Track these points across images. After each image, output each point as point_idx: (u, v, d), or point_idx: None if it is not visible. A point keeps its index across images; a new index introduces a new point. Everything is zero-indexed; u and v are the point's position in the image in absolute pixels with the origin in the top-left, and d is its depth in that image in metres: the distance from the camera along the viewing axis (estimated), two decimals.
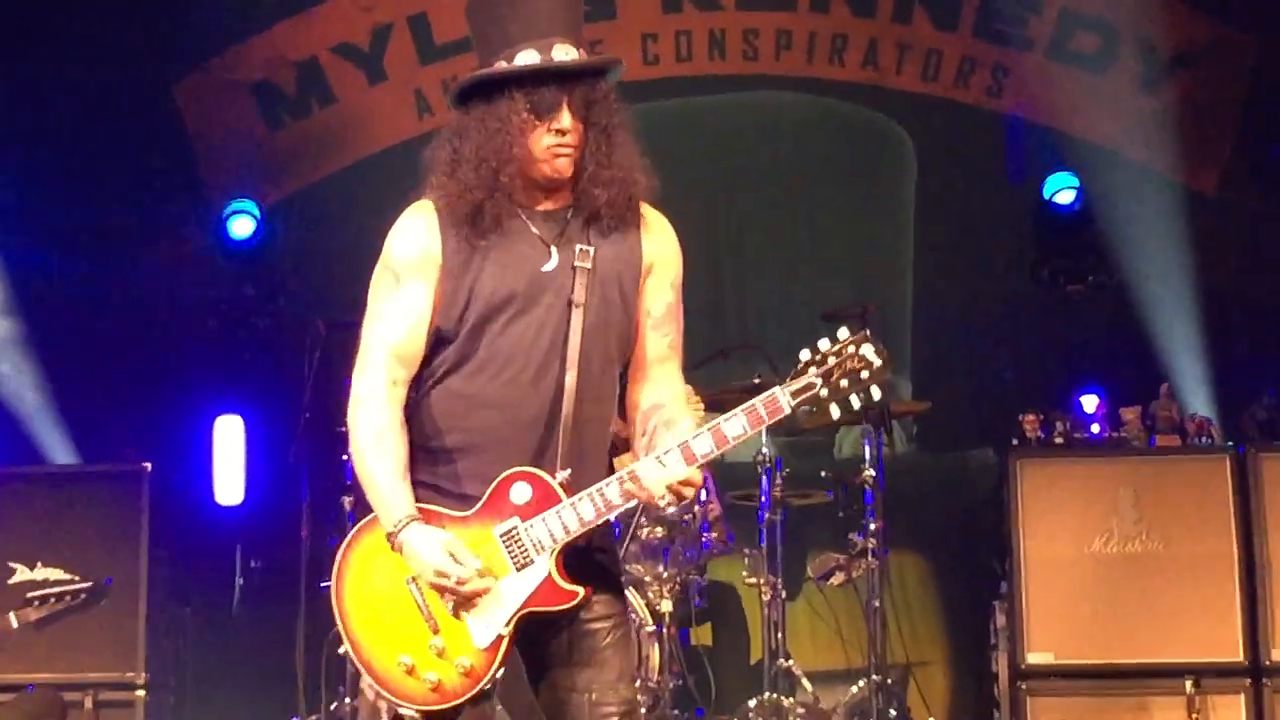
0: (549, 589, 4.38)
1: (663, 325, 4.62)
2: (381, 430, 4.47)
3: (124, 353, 10.61)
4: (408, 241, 4.50)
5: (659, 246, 4.62)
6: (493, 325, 4.45)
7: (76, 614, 8.41)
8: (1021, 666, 8.48)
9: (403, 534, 4.39)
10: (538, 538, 4.39)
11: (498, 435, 4.46)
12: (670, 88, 11.27)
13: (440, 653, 4.41)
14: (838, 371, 4.38)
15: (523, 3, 4.53)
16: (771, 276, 11.22)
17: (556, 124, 4.42)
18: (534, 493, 4.39)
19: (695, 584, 9.02)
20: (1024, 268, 10.81)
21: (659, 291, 4.61)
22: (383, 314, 4.51)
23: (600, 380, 4.53)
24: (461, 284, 4.45)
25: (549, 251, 4.49)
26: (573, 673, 4.53)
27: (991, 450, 10.20)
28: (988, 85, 11.22)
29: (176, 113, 11.19)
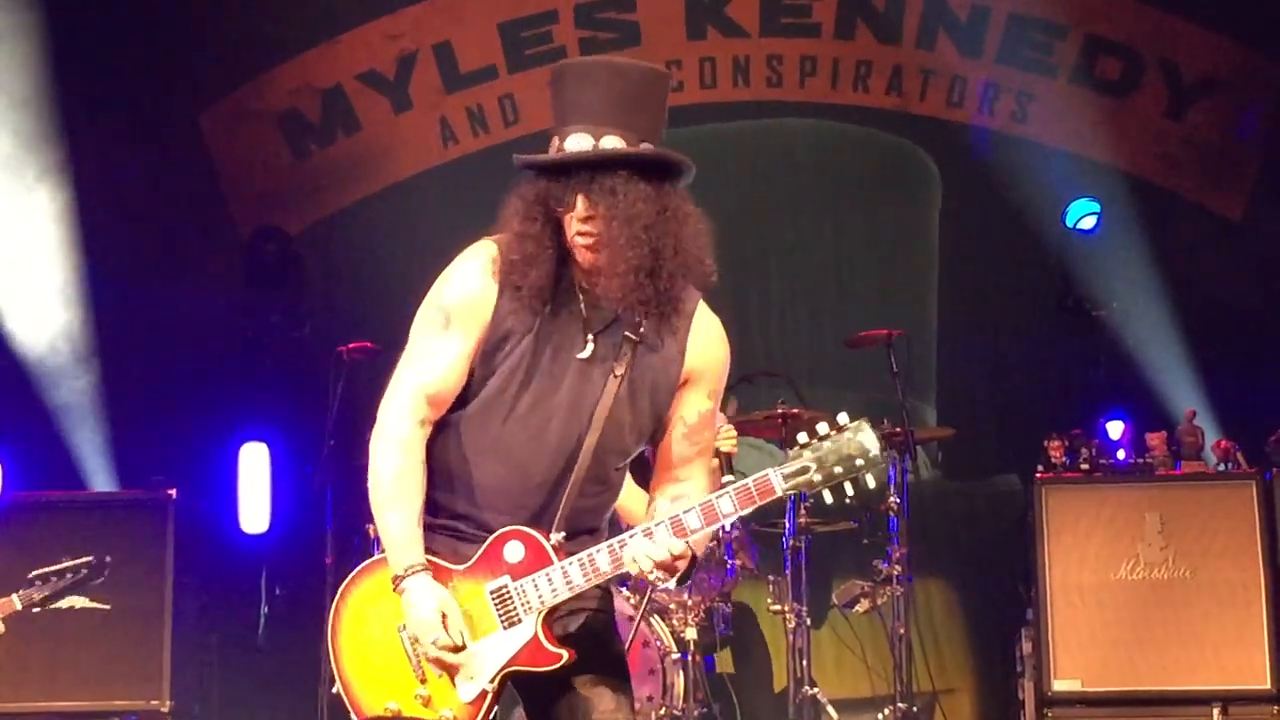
0: (534, 649, 4.38)
1: (694, 434, 4.57)
2: (402, 472, 4.46)
3: (149, 379, 10.63)
4: (463, 287, 4.47)
5: (703, 355, 4.56)
6: (522, 395, 4.44)
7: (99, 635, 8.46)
8: (1048, 694, 8.47)
9: (407, 580, 4.40)
10: (526, 598, 4.38)
11: (505, 488, 4.45)
12: (694, 114, 11.28)
13: (426, 702, 4.42)
14: (833, 457, 4.32)
15: (569, 87, 4.53)
16: (796, 302, 11.22)
17: (575, 213, 4.39)
18: (526, 552, 4.39)
19: (720, 611, 9.01)
20: (1048, 293, 10.79)
21: (695, 401, 4.57)
22: (422, 354, 4.48)
23: (610, 467, 4.52)
24: (502, 345, 4.44)
25: (587, 340, 4.45)
26: (572, 707, 4.52)
27: (1016, 476, 10.18)
28: (1012, 111, 11.22)
29: (203, 141, 11.23)
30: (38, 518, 8.88)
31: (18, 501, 9.14)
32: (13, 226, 10.39)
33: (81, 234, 10.43)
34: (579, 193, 4.37)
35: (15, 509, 8.97)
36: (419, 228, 10.22)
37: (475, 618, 4.38)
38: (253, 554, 10.44)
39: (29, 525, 8.82)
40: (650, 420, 4.54)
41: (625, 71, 4.60)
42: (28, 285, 10.42)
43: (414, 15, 11.33)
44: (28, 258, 10.41)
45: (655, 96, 4.62)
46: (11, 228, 10.39)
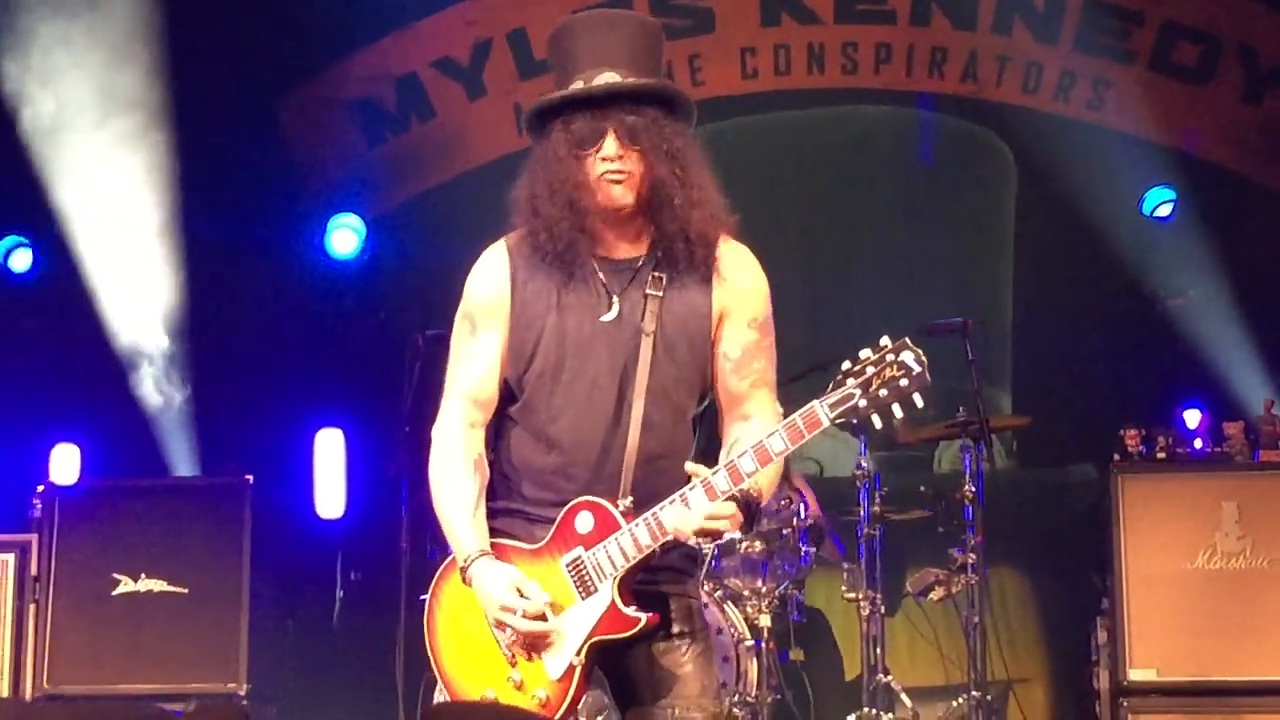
0: (612, 616, 4.41)
1: (743, 368, 4.59)
2: (455, 471, 4.58)
3: (226, 366, 10.70)
4: (481, 287, 4.61)
5: (733, 290, 4.58)
6: (559, 373, 4.51)
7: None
8: (1123, 683, 8.42)
9: (472, 568, 4.48)
10: (600, 565, 4.42)
11: (567, 464, 4.53)
12: (769, 102, 11.28)
13: (518, 686, 4.46)
14: (876, 381, 4.33)
15: (582, 35, 4.59)
16: (870, 290, 11.18)
17: (602, 151, 4.44)
18: (596, 521, 4.43)
19: (794, 599, 9.01)
20: (1124, 281, 10.73)
21: (736, 335, 4.59)
22: (460, 360, 4.63)
23: (665, 413, 4.53)
24: (529, 334, 4.53)
25: (611, 301, 4.52)
26: (655, 690, 4.57)
27: (1092, 466, 10.13)
28: (1088, 98, 11.15)
29: (280, 129, 11.29)
30: (117, 503, 8.94)
31: (96, 488, 9.21)
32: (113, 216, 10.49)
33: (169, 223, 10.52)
34: (610, 129, 4.43)
35: (94, 495, 9.04)
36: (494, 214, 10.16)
37: (555, 593, 4.42)
38: (328, 539, 10.50)
39: (108, 511, 8.89)
40: (695, 369, 4.57)
41: (630, 18, 4.76)
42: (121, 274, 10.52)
43: (489, 2, 11.35)
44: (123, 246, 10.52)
45: (658, 45, 4.69)
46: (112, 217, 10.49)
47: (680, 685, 4.54)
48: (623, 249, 4.53)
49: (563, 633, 4.43)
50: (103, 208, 10.48)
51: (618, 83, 4.47)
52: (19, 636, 8.66)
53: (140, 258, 10.54)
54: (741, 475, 4.33)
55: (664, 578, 4.59)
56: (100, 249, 10.51)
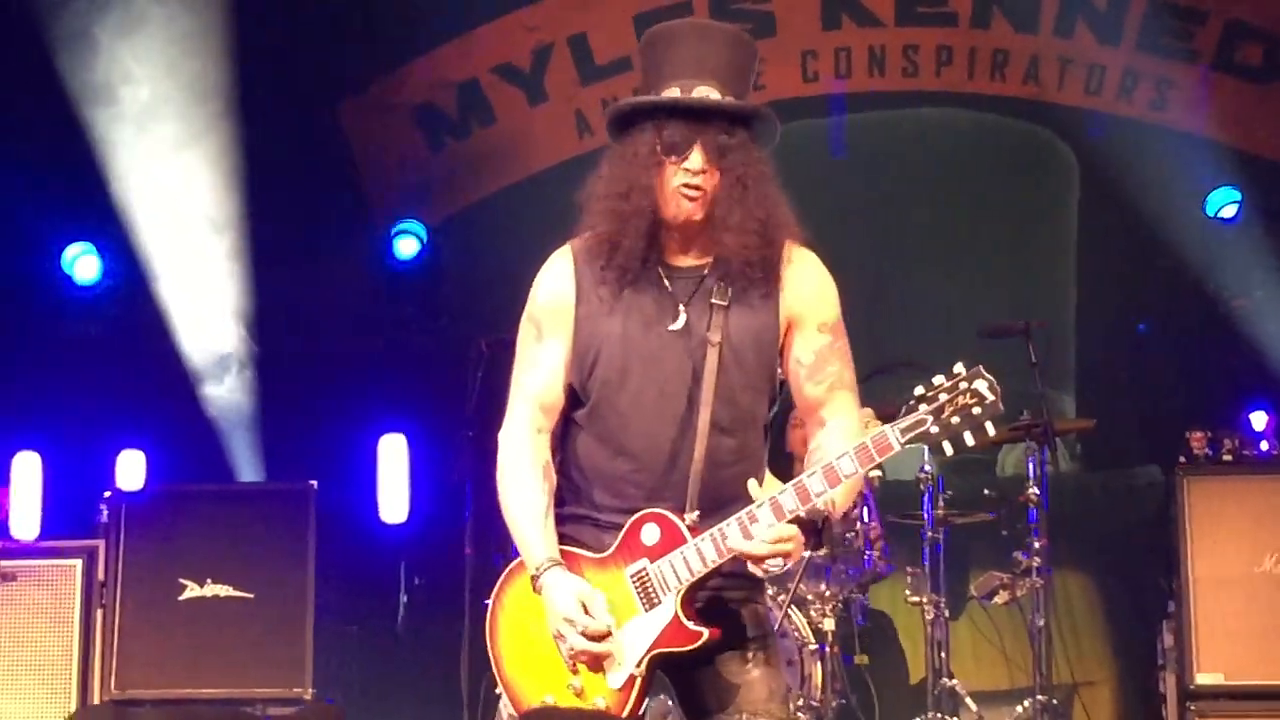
0: (675, 629, 4.40)
1: (817, 372, 4.56)
2: (524, 479, 4.56)
3: (290, 373, 10.75)
4: (546, 293, 4.59)
5: (800, 295, 4.56)
6: (625, 381, 4.49)
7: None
8: (1190, 687, 8.37)
9: (543, 577, 4.45)
10: (664, 578, 4.41)
11: (634, 472, 4.50)
12: (829, 105, 11.26)
13: (579, 693, 4.45)
14: (949, 408, 4.30)
15: (683, 42, 4.57)
16: (933, 292, 11.16)
17: (686, 163, 4.42)
18: (662, 534, 4.41)
19: (858, 603, 9.00)
20: (1188, 282, 10.67)
21: (806, 341, 4.56)
22: (526, 365, 4.61)
23: (734, 422, 4.51)
24: (593, 340, 4.51)
25: (679, 310, 4.49)
26: (722, 697, 4.54)
27: (1158, 468, 10.08)
28: (1151, 98, 11.10)
29: (342, 135, 11.34)
30: (183, 509, 8.99)
31: (162, 493, 9.26)
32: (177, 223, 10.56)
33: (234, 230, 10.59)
34: (700, 142, 4.41)
35: (160, 501, 9.10)
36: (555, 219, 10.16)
37: (618, 604, 4.42)
38: (392, 544, 10.53)
39: (174, 517, 8.94)
40: (763, 377, 4.55)
41: (734, 35, 4.68)
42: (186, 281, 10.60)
43: (549, 8, 11.37)
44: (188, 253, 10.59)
45: (751, 63, 4.66)
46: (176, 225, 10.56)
47: (746, 691, 4.53)
48: (689, 258, 4.52)
49: (624, 644, 4.42)
50: (167, 215, 10.56)
51: (719, 100, 4.45)
52: (87, 642, 8.72)
53: (205, 265, 10.60)
54: (810, 495, 4.32)
55: (730, 584, 4.57)
56: (165, 256, 10.59)
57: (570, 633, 4.38)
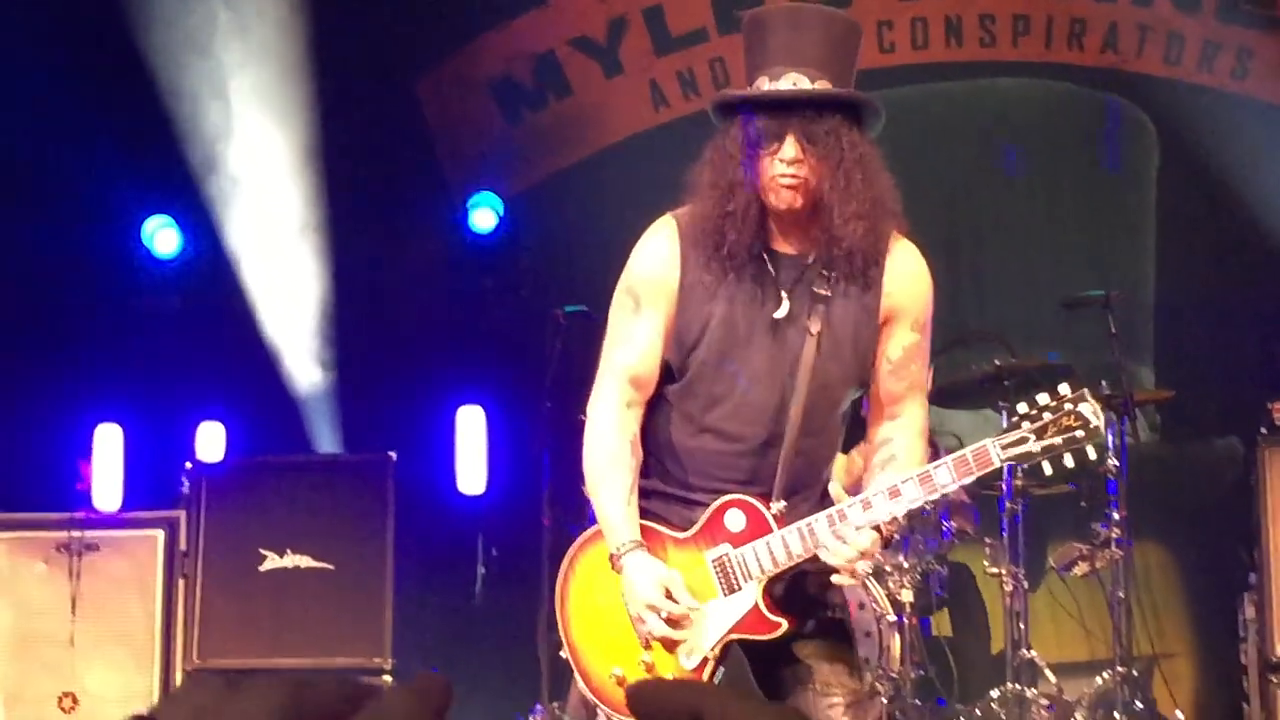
0: (755, 618, 4.43)
1: (901, 370, 4.60)
2: (613, 455, 4.57)
3: (369, 344, 10.80)
4: (649, 265, 4.58)
5: (901, 292, 4.58)
6: (722, 363, 4.51)
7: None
8: (1272, 659, 8.33)
9: (625, 558, 4.47)
10: (747, 566, 4.43)
11: (721, 455, 4.53)
12: (907, 75, 11.21)
13: (649, 669, 4.49)
14: (1053, 429, 4.34)
15: (776, 29, 4.55)
16: (1011, 263, 11.11)
17: (780, 154, 4.41)
18: (748, 521, 4.43)
19: (936, 574, 8.98)
20: (1269, 251, 10.59)
21: (899, 336, 4.59)
22: (620, 338, 4.60)
23: (824, 421, 4.55)
24: (695, 319, 4.52)
25: (781, 297, 4.50)
26: (796, 670, 4.58)
27: (1238, 439, 10.02)
28: (1232, 68, 11.01)
29: (419, 109, 11.38)
30: (262, 479, 9.07)
31: (242, 463, 9.34)
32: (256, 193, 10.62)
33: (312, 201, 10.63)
34: (791, 132, 4.40)
35: (241, 472, 9.17)
36: (631, 190, 10.20)
37: (696, 586, 4.44)
38: (470, 515, 10.56)
39: (254, 488, 9.01)
40: (857, 368, 4.57)
41: (830, 18, 4.67)
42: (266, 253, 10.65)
43: None
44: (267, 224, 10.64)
45: (853, 45, 4.65)
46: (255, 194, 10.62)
47: (819, 666, 4.56)
48: (792, 245, 4.52)
49: (699, 626, 4.45)
50: (246, 185, 10.61)
51: (801, 89, 4.44)
52: (169, 611, 8.80)
53: (284, 236, 10.66)
54: (904, 502, 4.34)
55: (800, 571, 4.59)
56: (244, 230, 10.64)
57: (651, 617, 4.39)
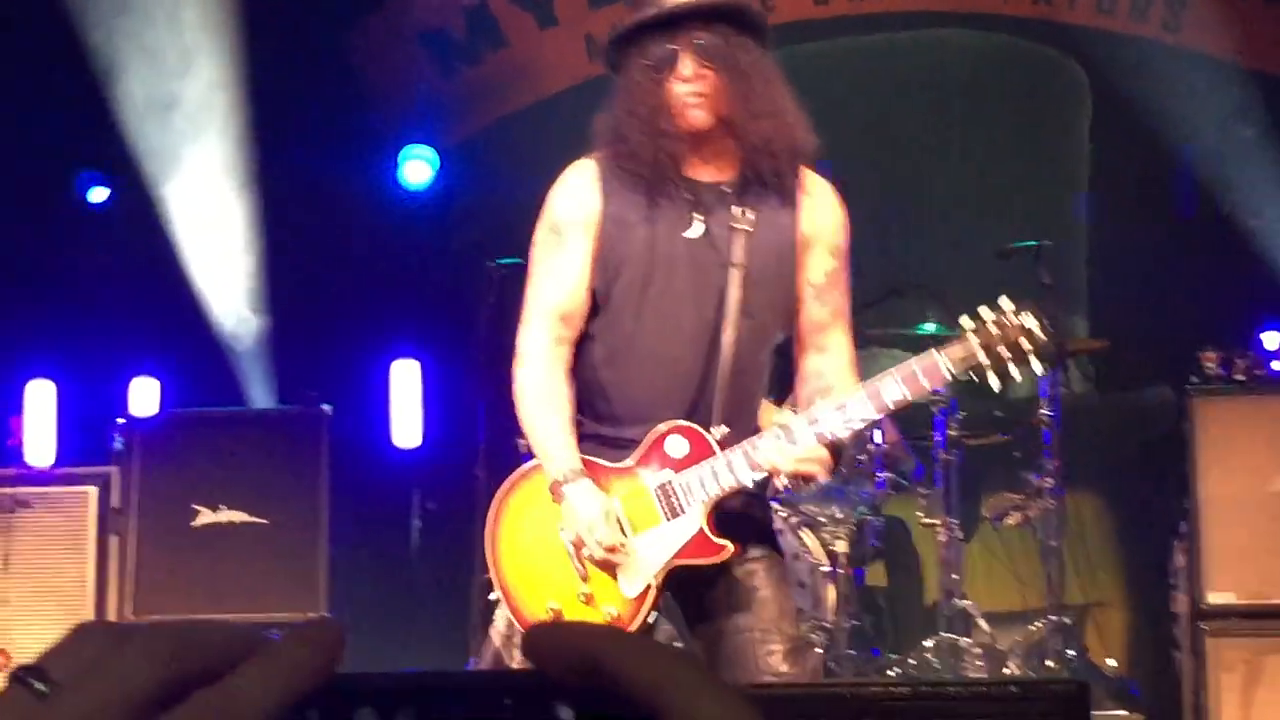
0: (700, 542, 4.44)
1: (824, 294, 4.64)
2: (545, 388, 4.58)
3: (301, 297, 10.76)
4: (570, 199, 4.63)
5: (818, 217, 4.64)
6: (647, 288, 4.54)
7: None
8: (1202, 607, 8.38)
9: (567, 487, 4.46)
10: (691, 491, 4.43)
11: (655, 388, 4.55)
12: (840, 26, 11.21)
13: (588, 600, 4.48)
14: (998, 341, 4.35)
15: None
16: (944, 215, 11.14)
17: (678, 73, 4.47)
18: (690, 447, 4.45)
19: (870, 524, 9.01)
20: (1202, 202, 10.64)
21: (819, 261, 4.64)
22: (544, 274, 4.64)
23: (756, 342, 4.56)
24: (618, 244, 4.56)
25: (694, 219, 4.55)
26: (733, 617, 4.59)
27: (1170, 388, 10.07)
28: (1165, 19, 11.03)
29: (350, 60, 11.31)
30: (196, 434, 9.02)
31: (175, 418, 9.28)
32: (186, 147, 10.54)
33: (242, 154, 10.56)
34: (683, 50, 4.47)
35: (173, 425, 9.12)
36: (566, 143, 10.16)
37: (638, 514, 4.45)
38: (405, 469, 10.55)
39: (187, 441, 8.96)
40: (782, 293, 4.62)
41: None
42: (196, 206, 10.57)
43: None
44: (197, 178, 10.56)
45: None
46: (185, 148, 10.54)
47: (759, 608, 4.56)
48: (709, 172, 4.56)
49: (642, 553, 4.45)
50: (176, 137, 10.52)
51: (687, 2, 4.49)
52: (102, 568, 8.76)
53: (214, 189, 10.59)
54: (853, 420, 4.35)
55: (739, 499, 4.59)
56: (174, 180, 10.56)
57: (593, 540, 4.39)
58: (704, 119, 4.50)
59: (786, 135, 4.56)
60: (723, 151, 4.58)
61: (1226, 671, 8.30)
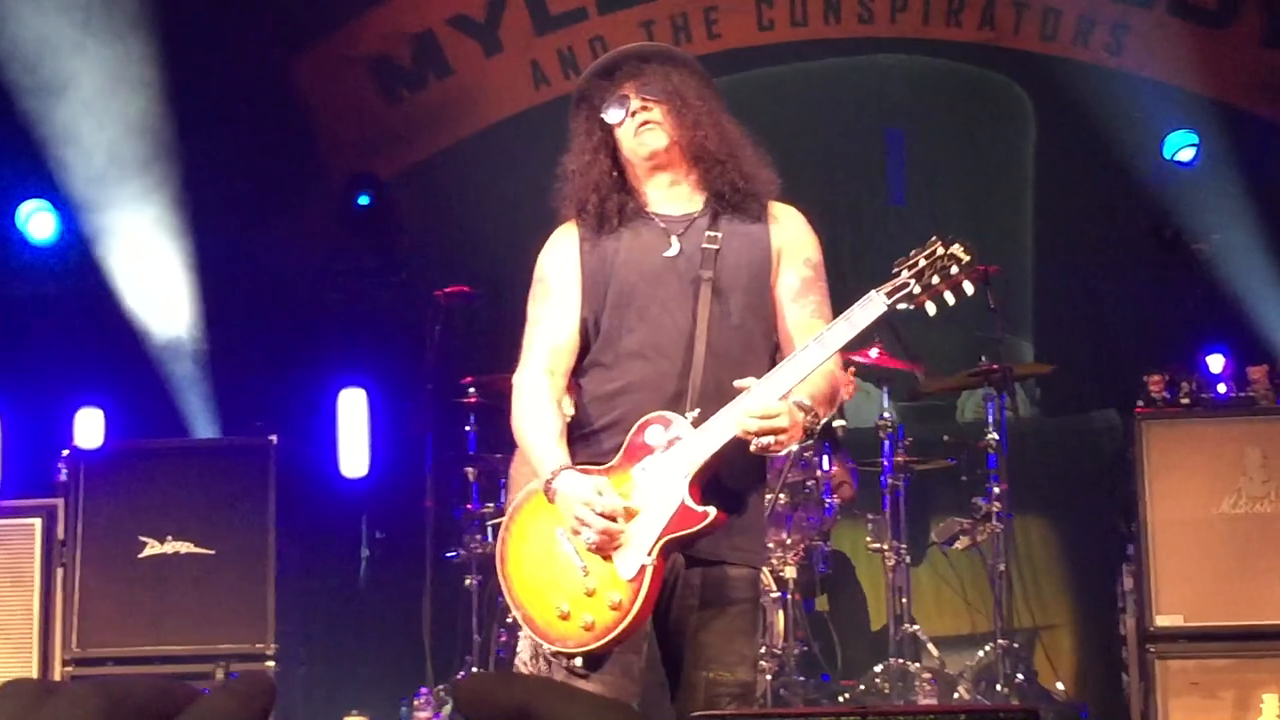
0: (683, 512, 4.58)
1: (802, 297, 4.86)
2: (536, 406, 4.78)
3: (246, 327, 10.72)
4: (553, 253, 4.90)
5: (788, 233, 4.87)
6: (634, 300, 4.76)
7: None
8: (1150, 629, 8.41)
9: (556, 480, 4.64)
10: (671, 467, 4.59)
11: (637, 399, 4.74)
12: (786, 53, 11.24)
13: (590, 592, 4.62)
14: (929, 270, 4.61)
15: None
16: (890, 240, 11.16)
17: (629, 110, 4.80)
18: (665, 430, 4.63)
19: (819, 550, 9.02)
20: (1146, 226, 10.69)
21: (793, 269, 4.85)
22: (538, 317, 4.88)
23: (736, 344, 4.76)
24: (600, 277, 4.79)
25: (671, 241, 4.78)
26: (696, 648, 4.76)
27: (1115, 412, 10.11)
28: (1107, 43, 11.10)
29: (296, 89, 11.28)
30: (142, 466, 8.95)
31: (121, 449, 9.22)
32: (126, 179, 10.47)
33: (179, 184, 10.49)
34: (629, 90, 4.82)
35: (119, 458, 9.06)
36: (512, 170, 10.22)
37: (626, 499, 4.54)
38: (353, 498, 10.52)
39: (133, 474, 8.90)
40: (759, 300, 4.81)
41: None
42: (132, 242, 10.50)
43: None
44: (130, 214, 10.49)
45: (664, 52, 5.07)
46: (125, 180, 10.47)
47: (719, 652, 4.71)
48: (678, 208, 4.89)
49: (635, 535, 4.59)
50: (119, 169, 10.45)
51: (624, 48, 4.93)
52: (47, 600, 8.69)
53: (155, 222, 10.51)
54: (804, 366, 4.54)
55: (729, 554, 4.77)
56: (113, 214, 10.48)
57: (588, 514, 4.54)
58: (660, 139, 4.77)
59: (746, 160, 4.83)
60: (690, 190, 4.85)
61: (1174, 694, 8.33)
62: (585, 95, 4.90)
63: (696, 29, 11.03)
